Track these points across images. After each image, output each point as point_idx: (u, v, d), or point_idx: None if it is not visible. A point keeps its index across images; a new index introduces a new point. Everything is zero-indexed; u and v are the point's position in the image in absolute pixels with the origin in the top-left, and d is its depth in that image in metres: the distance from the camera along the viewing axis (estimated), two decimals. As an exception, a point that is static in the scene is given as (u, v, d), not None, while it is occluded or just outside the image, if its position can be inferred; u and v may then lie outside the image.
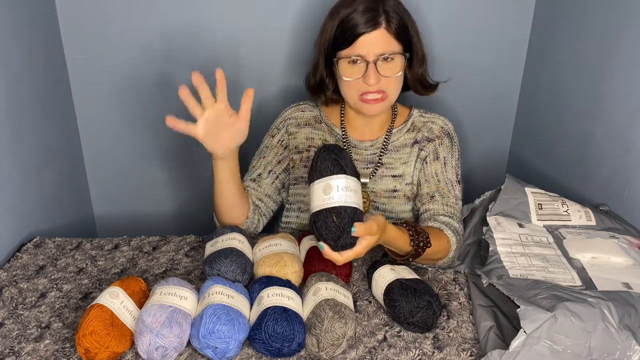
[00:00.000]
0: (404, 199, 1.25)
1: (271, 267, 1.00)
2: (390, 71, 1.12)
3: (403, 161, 1.25)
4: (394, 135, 1.26)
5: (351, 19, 1.09)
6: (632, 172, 1.19)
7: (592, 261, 1.02)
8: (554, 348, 0.80)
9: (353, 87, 1.13)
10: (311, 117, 1.29)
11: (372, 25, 1.09)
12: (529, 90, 1.65)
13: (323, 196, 0.92)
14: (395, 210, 1.25)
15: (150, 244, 1.20)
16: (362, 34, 1.09)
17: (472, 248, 1.16)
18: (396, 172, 1.25)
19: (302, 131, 1.28)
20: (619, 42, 1.23)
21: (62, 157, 1.52)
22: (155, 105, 1.62)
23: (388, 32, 1.10)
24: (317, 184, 0.93)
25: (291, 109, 1.31)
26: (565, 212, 1.16)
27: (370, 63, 1.10)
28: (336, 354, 0.86)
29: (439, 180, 1.22)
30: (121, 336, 0.85)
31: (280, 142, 1.28)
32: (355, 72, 1.12)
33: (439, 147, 1.24)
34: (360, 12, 1.09)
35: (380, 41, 1.10)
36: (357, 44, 1.10)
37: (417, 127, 1.26)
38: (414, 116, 1.27)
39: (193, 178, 1.73)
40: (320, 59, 1.19)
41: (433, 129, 1.25)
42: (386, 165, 1.25)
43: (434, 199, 1.19)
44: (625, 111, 1.22)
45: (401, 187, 1.25)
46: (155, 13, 1.51)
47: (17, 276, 1.08)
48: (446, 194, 1.20)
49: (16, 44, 1.28)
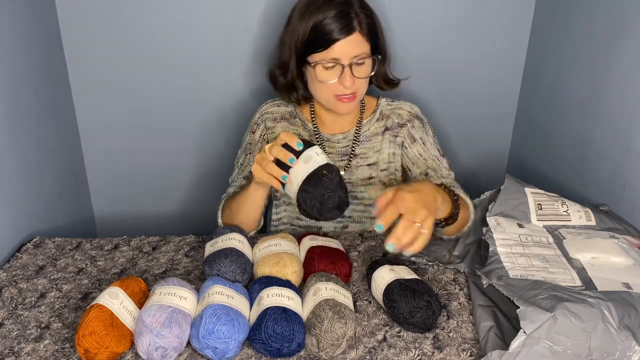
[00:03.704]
0: (380, 185, 1.30)
1: (271, 267, 1.00)
2: (363, 73, 1.17)
3: (376, 149, 1.30)
4: (364, 126, 1.30)
5: (326, 25, 1.11)
6: (632, 172, 1.19)
7: (592, 261, 1.02)
8: (554, 348, 0.80)
9: (328, 89, 1.17)
10: (286, 112, 1.33)
11: (347, 31, 1.11)
12: (529, 90, 1.65)
13: (306, 166, 0.97)
14: (373, 196, 1.29)
15: (150, 244, 1.20)
16: (338, 40, 1.11)
17: (472, 248, 1.16)
18: (370, 160, 1.30)
19: (279, 125, 1.31)
20: (619, 43, 1.23)
21: (62, 157, 1.52)
22: (156, 105, 1.62)
23: (361, 35, 1.13)
24: (295, 166, 0.98)
25: (267, 104, 1.34)
26: (565, 212, 1.16)
27: (345, 67, 1.13)
28: (336, 354, 0.86)
29: (425, 159, 1.27)
30: (121, 336, 0.85)
31: (261, 136, 1.32)
32: (331, 75, 1.15)
33: (411, 129, 1.29)
34: (334, 18, 1.11)
35: (354, 45, 1.13)
36: (333, 49, 1.12)
37: (385, 115, 1.31)
38: (382, 105, 1.32)
39: (193, 178, 1.73)
40: (291, 60, 1.20)
41: (402, 115, 1.30)
42: (360, 156, 1.30)
43: (428, 176, 1.25)
44: (625, 111, 1.22)
45: (377, 174, 1.30)
46: (156, 12, 1.51)
47: (17, 276, 1.08)
48: (437, 168, 1.26)
49: (16, 44, 1.28)
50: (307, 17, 1.13)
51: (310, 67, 1.16)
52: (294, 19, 1.17)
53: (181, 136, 1.67)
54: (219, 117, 1.64)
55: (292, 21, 1.18)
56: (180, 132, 1.66)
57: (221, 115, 1.64)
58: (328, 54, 1.13)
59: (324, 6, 1.12)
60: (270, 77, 1.28)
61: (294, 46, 1.17)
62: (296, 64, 1.20)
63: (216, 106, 1.63)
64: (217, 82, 1.60)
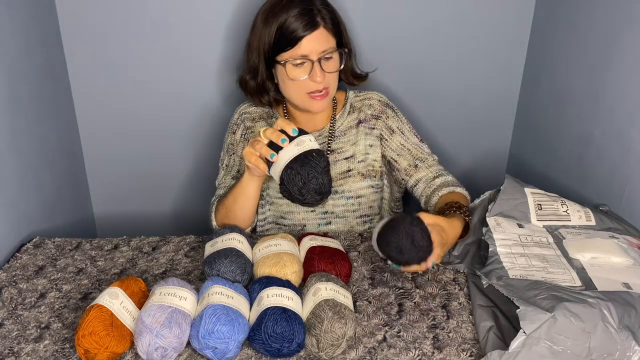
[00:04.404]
0: (358, 176, 1.32)
1: (271, 267, 1.00)
2: (332, 67, 1.20)
3: (352, 143, 1.32)
4: (338, 122, 1.33)
5: (290, 24, 1.15)
6: (632, 172, 1.19)
7: (592, 261, 1.02)
8: (554, 348, 0.80)
9: (299, 87, 1.20)
10: (264, 112, 1.35)
11: (312, 27, 1.15)
12: (529, 90, 1.65)
13: (297, 148, 1.00)
14: (353, 188, 1.32)
15: (149, 244, 1.20)
16: (304, 37, 1.15)
17: (472, 248, 1.16)
18: (347, 154, 1.32)
19: (258, 125, 1.34)
20: (619, 42, 1.23)
21: (62, 157, 1.52)
22: (156, 105, 1.62)
23: (326, 30, 1.17)
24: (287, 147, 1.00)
25: (245, 104, 1.36)
26: (565, 212, 1.16)
27: (315, 62, 1.16)
28: (336, 354, 0.86)
29: (408, 149, 1.31)
30: (121, 337, 0.85)
31: (242, 135, 1.34)
32: (302, 72, 1.18)
33: (387, 120, 1.32)
34: (296, 16, 1.15)
35: (321, 40, 1.16)
36: (300, 46, 1.15)
37: (356, 107, 1.34)
38: (350, 98, 1.35)
39: (193, 178, 1.73)
40: (260, 64, 1.23)
41: (373, 105, 1.33)
42: (337, 151, 1.32)
43: (418, 168, 1.30)
44: (625, 111, 1.22)
45: (354, 166, 1.32)
46: (156, 12, 1.51)
47: (17, 276, 1.08)
48: (423, 157, 1.31)
49: (16, 44, 1.28)
50: (270, 20, 1.17)
51: (281, 66, 1.19)
52: (258, 24, 1.21)
53: (181, 136, 1.66)
54: (219, 116, 1.64)
55: (256, 25, 1.21)
56: (180, 132, 1.65)
57: (222, 115, 1.63)
58: (296, 51, 1.16)
59: (286, 7, 1.16)
60: (240, 83, 1.31)
61: (262, 49, 1.20)
62: (265, 66, 1.23)
63: (217, 106, 1.63)
64: (217, 82, 1.60)
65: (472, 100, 1.69)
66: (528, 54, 1.63)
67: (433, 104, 1.67)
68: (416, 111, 1.63)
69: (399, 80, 1.61)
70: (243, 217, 1.21)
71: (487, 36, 1.61)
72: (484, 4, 1.57)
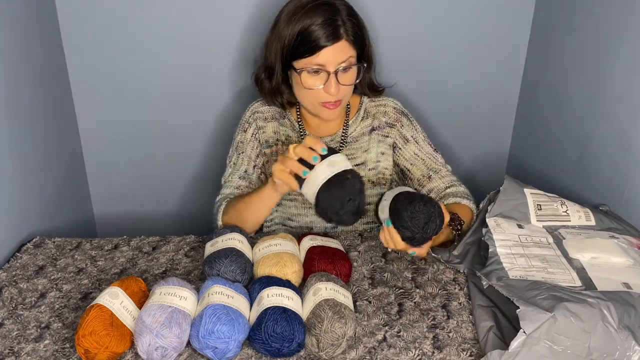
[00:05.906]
0: (368, 184, 1.31)
1: (271, 267, 1.00)
2: (348, 80, 1.17)
3: (363, 149, 1.30)
4: (351, 127, 1.30)
5: (313, 32, 1.11)
6: (632, 172, 1.19)
7: (591, 261, 1.02)
8: (554, 348, 0.80)
9: (313, 95, 1.17)
10: (276, 112, 1.32)
11: (334, 39, 1.11)
12: (529, 90, 1.65)
13: (330, 169, 0.99)
14: None
15: (150, 244, 1.20)
16: (324, 47, 1.11)
17: (472, 248, 1.16)
18: (358, 160, 1.30)
19: (270, 125, 1.31)
20: (619, 42, 1.23)
21: (62, 157, 1.52)
22: (156, 105, 1.62)
23: (347, 42, 1.13)
24: (320, 166, 0.99)
25: (257, 102, 1.33)
26: (565, 212, 1.16)
27: (331, 74, 1.13)
28: (336, 354, 0.86)
29: (422, 159, 1.29)
30: (121, 336, 0.85)
31: (253, 135, 1.31)
32: (317, 81, 1.15)
33: (401, 129, 1.30)
34: (320, 25, 1.11)
35: (341, 52, 1.13)
36: (319, 55, 1.12)
37: (370, 113, 1.31)
38: (365, 103, 1.32)
39: (193, 178, 1.73)
40: (277, 65, 1.20)
41: (388, 112, 1.30)
42: (348, 157, 1.28)
43: (431, 179, 1.27)
44: (625, 111, 1.22)
45: (365, 173, 1.30)
46: (156, 12, 1.51)
47: (17, 276, 1.09)
48: (437, 167, 1.28)
49: (16, 44, 1.28)
50: (294, 22, 1.13)
51: (296, 73, 1.16)
52: (280, 23, 1.17)
53: (181, 136, 1.67)
54: (219, 116, 1.64)
55: (278, 25, 1.17)
56: (180, 131, 1.66)
57: (222, 115, 1.64)
58: (314, 59, 1.13)
59: (311, 12, 1.12)
60: (255, 79, 1.28)
61: (280, 50, 1.17)
62: (282, 68, 1.20)
63: (217, 106, 1.63)
64: (217, 82, 1.60)
65: (472, 101, 1.69)
66: (528, 54, 1.64)
67: (433, 105, 1.67)
68: (416, 111, 1.63)
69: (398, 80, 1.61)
70: (253, 223, 1.20)
71: (487, 36, 1.61)
72: (484, 5, 1.57)
